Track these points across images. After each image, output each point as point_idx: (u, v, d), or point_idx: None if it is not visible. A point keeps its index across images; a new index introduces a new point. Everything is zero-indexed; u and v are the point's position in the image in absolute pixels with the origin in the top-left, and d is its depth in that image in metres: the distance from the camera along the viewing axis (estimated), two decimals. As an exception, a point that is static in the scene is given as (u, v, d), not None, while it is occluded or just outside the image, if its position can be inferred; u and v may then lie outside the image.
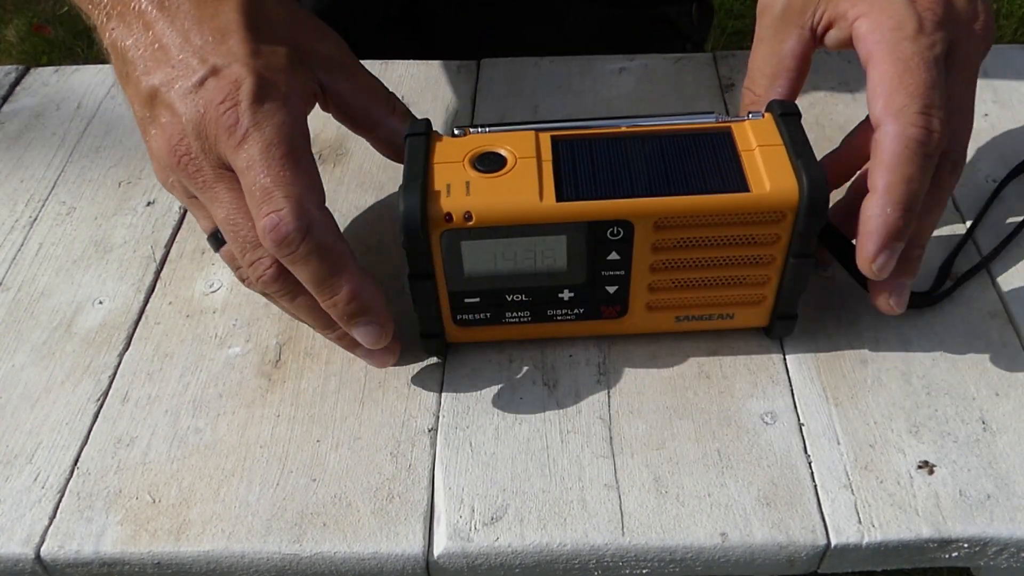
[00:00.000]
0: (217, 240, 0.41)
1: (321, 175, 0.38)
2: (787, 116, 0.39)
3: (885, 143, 0.37)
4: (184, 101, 0.37)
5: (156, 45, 0.39)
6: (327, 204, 0.38)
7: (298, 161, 0.37)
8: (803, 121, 0.39)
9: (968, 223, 0.48)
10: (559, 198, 0.37)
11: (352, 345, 0.41)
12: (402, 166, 0.38)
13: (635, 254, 0.39)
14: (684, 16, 0.74)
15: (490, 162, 0.38)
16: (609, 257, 0.39)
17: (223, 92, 0.36)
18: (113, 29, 0.40)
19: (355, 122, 0.43)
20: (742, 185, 0.37)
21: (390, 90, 0.44)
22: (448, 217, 0.36)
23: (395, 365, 0.42)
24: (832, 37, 0.42)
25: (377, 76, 0.43)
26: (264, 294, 0.40)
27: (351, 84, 0.42)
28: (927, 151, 0.36)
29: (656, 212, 0.37)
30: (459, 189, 0.37)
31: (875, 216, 0.37)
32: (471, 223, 0.37)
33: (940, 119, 0.36)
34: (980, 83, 0.56)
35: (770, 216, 0.37)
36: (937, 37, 0.38)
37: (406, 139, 0.39)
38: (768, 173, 0.37)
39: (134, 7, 0.40)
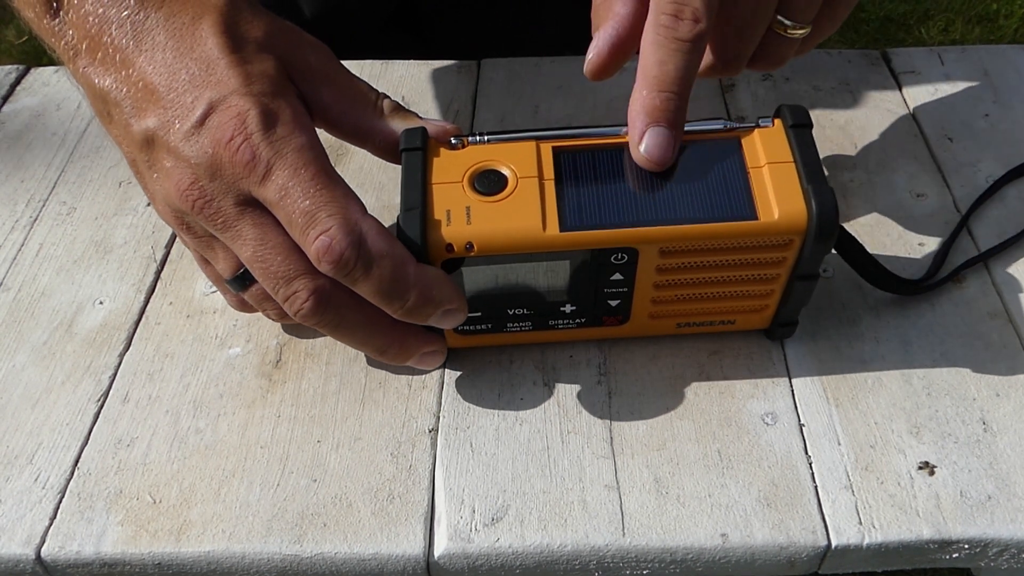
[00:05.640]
0: (241, 282, 0.38)
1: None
2: (798, 128, 0.37)
3: (646, 26, 0.37)
4: (189, 144, 0.35)
5: (140, 84, 0.36)
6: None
7: (330, 176, 0.35)
8: None
9: (968, 226, 0.48)
10: (563, 227, 0.36)
11: (404, 357, 0.40)
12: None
13: (639, 275, 0.38)
14: None
15: (490, 183, 0.37)
16: (612, 278, 0.38)
17: (230, 129, 0.35)
18: (85, 67, 0.37)
19: (345, 132, 0.41)
20: (750, 212, 0.36)
21: (373, 88, 0.41)
22: (449, 248, 0.36)
23: (394, 366, 0.42)
24: None
25: (377, 76, 0.43)
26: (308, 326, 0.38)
27: (333, 93, 0.39)
28: (677, 36, 0.36)
29: (661, 240, 0.36)
30: (459, 216, 0.36)
31: (634, 101, 0.37)
32: (472, 252, 0.36)
33: (695, 7, 0.36)
34: (980, 83, 0.57)
35: (777, 240, 0.36)
36: None
37: (401, 153, 0.38)
38: (777, 197, 0.36)
39: (107, 42, 0.37)
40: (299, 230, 0.35)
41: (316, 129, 0.38)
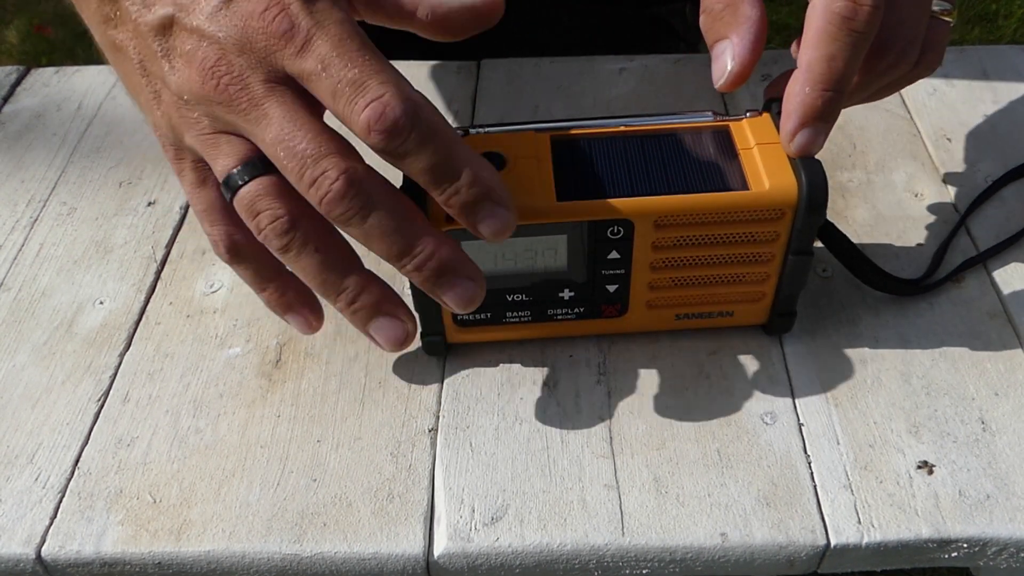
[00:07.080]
0: (247, 171, 0.34)
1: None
2: None
3: (812, 18, 0.35)
4: (214, 21, 0.32)
5: None
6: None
7: (376, 51, 0.32)
8: None
9: (967, 225, 0.48)
10: (559, 198, 0.37)
11: (434, 272, 0.34)
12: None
13: (635, 253, 0.39)
14: (677, 16, 0.74)
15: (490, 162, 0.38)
16: (609, 256, 0.39)
17: (263, 1, 0.32)
18: None
19: (388, 12, 0.38)
20: (741, 183, 0.37)
21: None
22: (448, 218, 0.36)
23: (394, 366, 0.43)
24: None
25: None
26: (329, 219, 0.33)
27: None
28: (853, 27, 0.34)
29: (656, 211, 0.37)
30: None
31: (794, 95, 0.36)
32: None
33: None
34: (980, 83, 0.57)
35: (769, 214, 0.37)
36: None
37: None
38: (767, 171, 0.37)
39: None
40: (345, 100, 0.31)
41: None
